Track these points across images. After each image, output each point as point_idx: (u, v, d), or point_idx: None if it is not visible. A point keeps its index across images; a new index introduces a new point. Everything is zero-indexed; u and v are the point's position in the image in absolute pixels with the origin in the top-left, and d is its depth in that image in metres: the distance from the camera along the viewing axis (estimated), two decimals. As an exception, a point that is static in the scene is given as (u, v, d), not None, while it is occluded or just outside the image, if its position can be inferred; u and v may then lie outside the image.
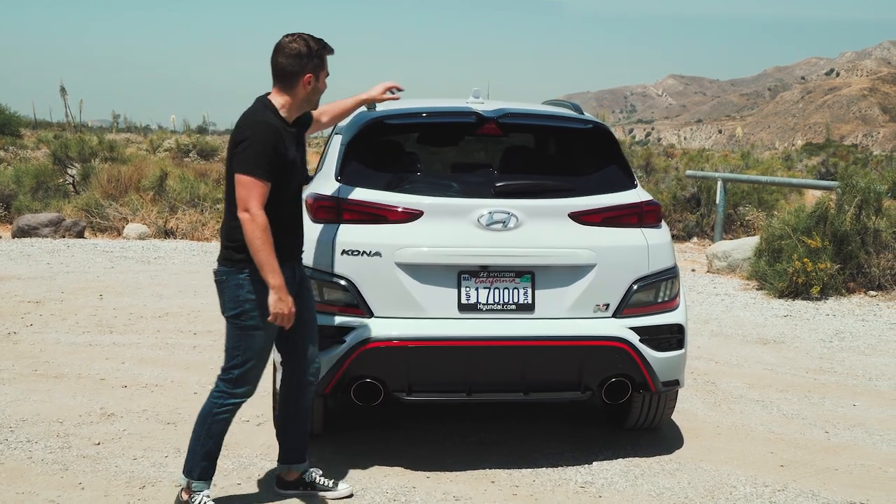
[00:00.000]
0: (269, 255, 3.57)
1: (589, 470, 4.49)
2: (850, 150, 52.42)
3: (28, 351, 6.62)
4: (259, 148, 3.60)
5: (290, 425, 4.06)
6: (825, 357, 7.05)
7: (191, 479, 3.81)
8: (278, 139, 3.65)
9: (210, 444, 3.81)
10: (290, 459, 4.08)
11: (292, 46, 3.71)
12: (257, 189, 3.58)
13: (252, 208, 3.57)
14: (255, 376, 3.82)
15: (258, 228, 3.55)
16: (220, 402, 3.80)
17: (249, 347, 3.73)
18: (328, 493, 4.07)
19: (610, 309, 4.32)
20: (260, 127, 3.64)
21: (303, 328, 3.91)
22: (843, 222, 9.74)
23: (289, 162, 3.71)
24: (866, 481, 4.45)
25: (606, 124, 4.73)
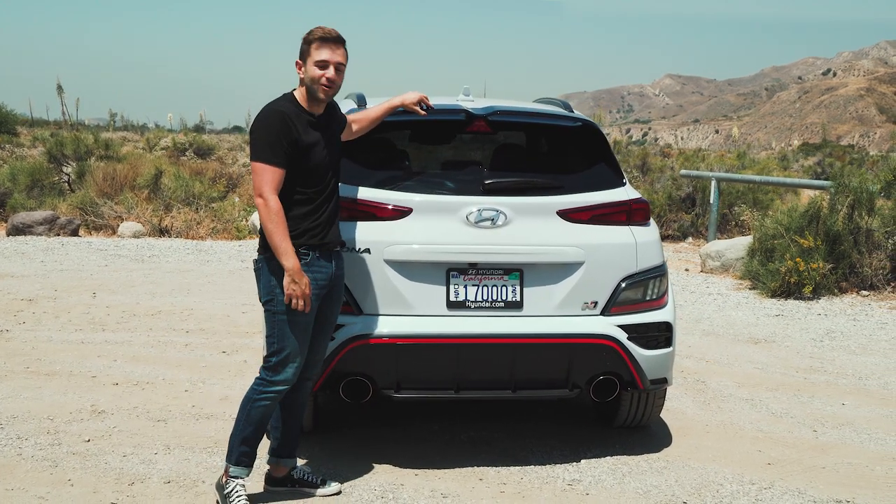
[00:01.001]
0: (283, 239, 3.65)
1: (577, 468, 4.51)
2: (847, 151, 52.50)
3: (20, 348, 6.63)
4: (268, 134, 3.69)
5: (284, 419, 4.06)
6: (815, 356, 7.07)
7: (229, 463, 3.88)
8: (287, 124, 3.71)
9: (249, 430, 3.86)
10: (281, 453, 4.09)
11: None
12: (269, 174, 3.67)
13: (265, 193, 3.66)
14: (293, 363, 3.85)
15: (271, 212, 3.64)
16: (260, 389, 3.86)
17: (284, 335, 3.79)
18: (317, 489, 4.08)
19: (598, 307, 4.33)
20: (268, 114, 3.75)
21: (323, 328, 3.96)
22: (835, 222, 9.77)
23: (305, 146, 3.76)
24: (853, 479, 4.47)
25: (595, 122, 4.75)
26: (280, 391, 3.87)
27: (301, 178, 3.78)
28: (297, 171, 3.75)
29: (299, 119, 3.78)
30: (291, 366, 3.84)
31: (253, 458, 3.93)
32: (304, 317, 3.80)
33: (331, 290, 3.93)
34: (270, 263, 3.77)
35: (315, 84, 3.81)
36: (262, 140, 3.70)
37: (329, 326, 4.01)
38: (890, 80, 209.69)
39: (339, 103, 5.22)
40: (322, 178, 3.86)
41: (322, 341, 4.01)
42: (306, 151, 3.77)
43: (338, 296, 4.01)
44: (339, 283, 3.99)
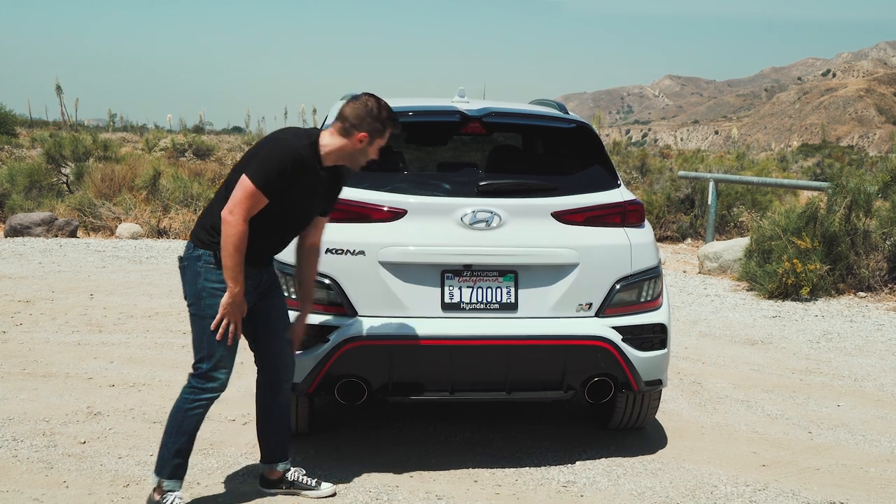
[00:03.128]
0: (237, 264, 3.57)
1: (572, 469, 4.51)
2: (846, 152, 52.55)
3: (17, 350, 6.63)
4: (277, 167, 3.58)
5: (269, 425, 4.07)
6: (812, 358, 7.07)
7: (161, 477, 3.79)
8: (297, 166, 3.63)
9: (182, 441, 3.78)
10: (272, 459, 4.09)
11: (365, 101, 3.72)
12: (254, 200, 3.58)
13: (237, 214, 3.56)
14: (225, 370, 3.79)
15: (236, 235, 3.55)
16: (191, 398, 3.78)
17: (213, 340, 3.71)
18: (310, 492, 4.08)
19: (593, 308, 4.34)
20: (288, 151, 3.63)
21: (273, 327, 3.93)
22: (832, 223, 9.78)
23: (296, 191, 3.68)
24: (847, 481, 4.48)
25: (590, 124, 4.76)
26: (211, 398, 3.79)
27: (273, 215, 3.68)
28: (275, 207, 3.66)
29: (309, 171, 3.69)
30: (223, 371, 3.78)
31: (185, 470, 3.85)
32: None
33: (266, 291, 3.89)
34: (196, 263, 3.69)
35: (365, 161, 3.78)
36: (270, 169, 3.59)
37: (280, 326, 3.96)
38: (889, 81, 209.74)
39: (334, 104, 5.24)
40: (290, 224, 3.82)
41: (279, 342, 3.96)
42: (292, 201, 3.70)
43: (277, 295, 3.97)
44: (275, 284, 3.96)
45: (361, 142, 3.72)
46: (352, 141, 3.72)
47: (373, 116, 3.69)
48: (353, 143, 3.72)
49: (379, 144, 3.77)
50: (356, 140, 3.71)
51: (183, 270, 3.77)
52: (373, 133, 3.72)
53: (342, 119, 3.73)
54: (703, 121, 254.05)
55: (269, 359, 3.98)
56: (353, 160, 3.78)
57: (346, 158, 3.77)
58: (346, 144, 3.73)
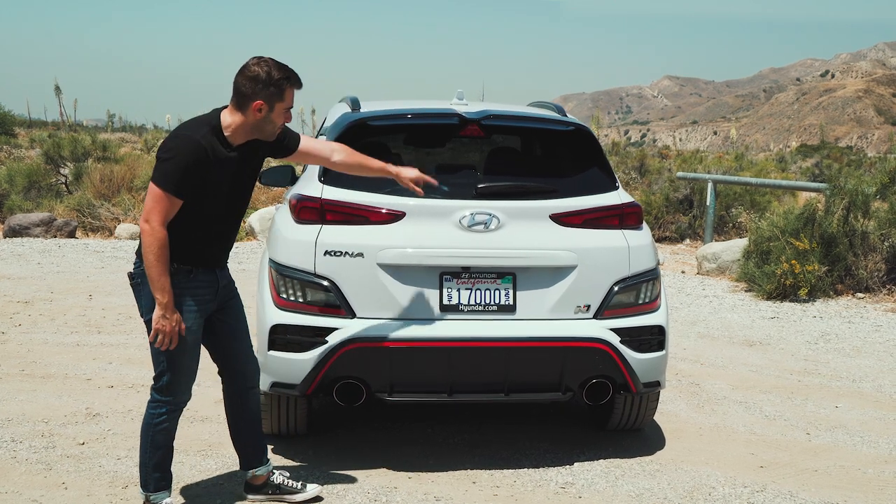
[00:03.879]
0: (161, 273, 3.46)
1: (570, 471, 4.52)
2: (845, 152, 52.59)
3: (16, 351, 6.64)
4: (177, 164, 3.46)
5: (242, 431, 4.02)
6: (810, 359, 7.08)
7: (147, 492, 3.78)
8: (200, 159, 3.49)
9: (159, 455, 3.76)
10: (251, 465, 4.05)
11: (253, 69, 3.54)
12: (163, 203, 3.46)
13: (153, 221, 3.46)
14: (184, 382, 3.75)
15: (155, 243, 3.45)
16: (156, 413, 3.75)
17: (171, 354, 3.64)
18: (296, 495, 4.04)
19: (591, 310, 4.34)
20: (184, 143, 3.50)
21: (232, 335, 3.89)
22: (831, 224, 9.79)
23: (213, 182, 3.55)
24: (845, 482, 4.49)
25: (588, 126, 4.77)
26: (174, 410, 3.75)
27: (199, 210, 3.58)
28: (196, 202, 3.55)
29: (216, 153, 3.54)
30: (183, 384, 3.75)
31: (170, 479, 3.84)
32: (190, 334, 3.65)
33: (226, 300, 3.85)
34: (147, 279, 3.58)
35: (274, 129, 3.64)
36: (170, 168, 3.45)
37: (241, 333, 3.92)
38: (888, 82, 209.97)
39: (333, 106, 5.24)
40: (223, 213, 3.70)
41: (242, 349, 3.92)
42: (213, 187, 3.57)
43: (235, 303, 3.91)
44: (231, 291, 3.90)
45: (260, 111, 3.55)
46: (252, 113, 3.55)
47: (263, 82, 3.52)
48: (253, 114, 3.56)
49: (282, 107, 3.59)
50: (254, 111, 3.55)
51: (135, 287, 3.70)
52: (269, 98, 3.54)
53: (235, 93, 3.57)
54: (701, 121, 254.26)
55: (233, 367, 3.94)
56: (260, 131, 3.62)
57: (254, 131, 3.61)
58: (248, 117, 3.57)
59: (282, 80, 3.56)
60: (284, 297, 4.21)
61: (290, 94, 3.61)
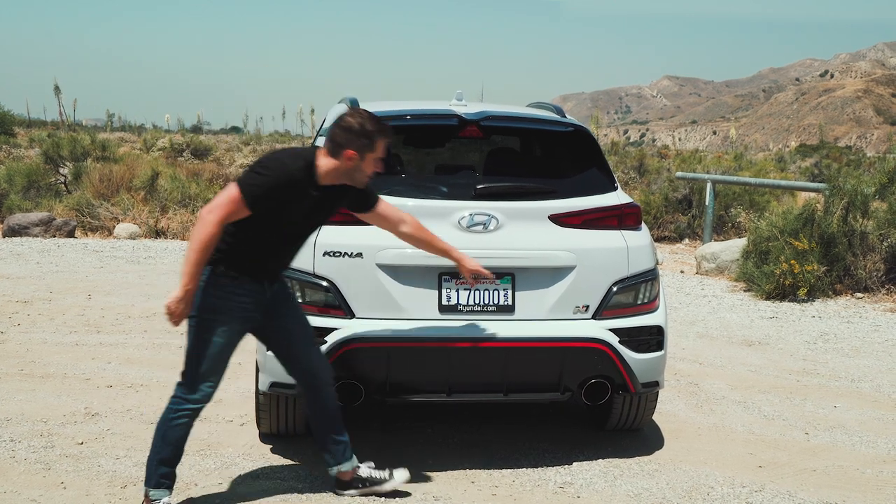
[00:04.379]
0: (197, 264, 3.54)
1: (569, 470, 4.52)
2: (844, 152, 52.60)
3: (14, 350, 6.64)
4: (266, 182, 3.59)
5: (325, 429, 4.05)
6: (809, 359, 7.09)
7: (148, 487, 3.80)
8: (288, 188, 3.63)
9: (167, 451, 3.78)
10: (337, 462, 4.07)
11: (348, 120, 3.70)
12: (234, 206, 3.57)
13: (215, 214, 3.55)
14: (212, 383, 3.78)
15: (205, 235, 3.52)
16: (175, 409, 3.77)
17: (204, 353, 3.71)
18: (385, 484, 4.08)
19: (590, 310, 4.35)
20: (281, 169, 3.63)
21: (293, 339, 3.94)
22: (830, 224, 9.79)
23: (288, 212, 3.69)
24: (843, 482, 4.49)
25: (587, 127, 4.77)
26: (196, 409, 3.78)
27: (265, 230, 3.70)
28: (264, 223, 3.67)
29: (304, 193, 3.68)
30: (208, 385, 3.77)
31: (173, 479, 3.85)
32: (223, 337, 3.72)
33: (275, 307, 3.89)
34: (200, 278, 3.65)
35: (364, 177, 3.77)
36: (260, 184, 3.59)
37: (305, 336, 3.96)
38: (887, 82, 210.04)
39: (332, 106, 5.24)
40: (286, 241, 3.83)
41: (307, 350, 3.96)
42: (287, 217, 3.71)
43: (290, 307, 3.96)
44: (284, 298, 3.95)
45: (351, 160, 3.69)
46: (342, 160, 3.69)
47: (356, 133, 3.67)
48: (344, 162, 3.70)
49: (373, 157, 3.73)
50: (346, 159, 3.69)
51: None
52: (361, 149, 3.69)
53: (330, 139, 3.72)
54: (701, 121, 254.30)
55: (301, 369, 3.98)
56: (350, 178, 3.76)
57: (344, 177, 3.75)
58: (338, 164, 3.70)
59: (374, 133, 3.70)
60: None
61: (381, 145, 3.74)
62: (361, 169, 3.73)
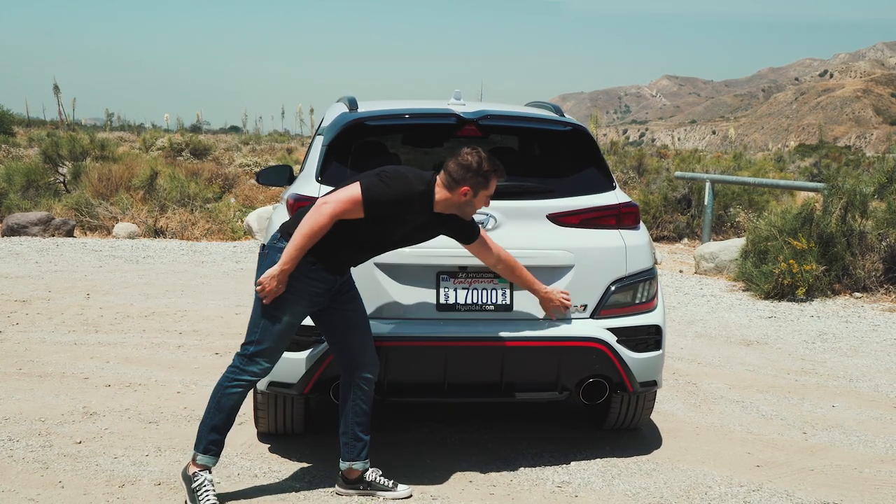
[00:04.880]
0: (300, 248, 3.73)
1: (566, 470, 4.52)
2: (843, 152, 52.59)
3: (13, 350, 6.63)
4: (388, 193, 3.76)
5: (353, 423, 4.07)
6: (807, 358, 7.09)
7: (197, 451, 3.92)
8: (405, 205, 3.81)
9: (220, 418, 3.91)
10: (351, 457, 4.09)
11: (466, 157, 3.85)
12: (351, 205, 3.74)
13: (332, 209, 3.72)
14: (269, 358, 3.91)
15: (317, 225, 3.71)
16: (232, 377, 3.91)
17: (267, 328, 3.86)
18: (388, 493, 4.09)
19: (588, 310, 4.35)
20: (405, 185, 3.81)
21: (350, 326, 4.00)
22: (828, 224, 9.79)
23: (393, 227, 3.87)
24: (841, 482, 4.49)
25: (585, 126, 4.77)
26: (252, 381, 3.92)
27: (365, 236, 3.86)
28: (367, 229, 3.83)
29: (416, 214, 3.87)
30: (265, 360, 3.91)
31: (221, 447, 3.96)
32: (290, 316, 3.87)
33: (343, 294, 4.01)
34: (276, 254, 3.84)
35: (474, 210, 3.94)
36: (383, 192, 3.75)
37: (362, 323, 4.05)
38: (886, 82, 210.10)
39: (330, 106, 5.24)
40: (378, 249, 4.00)
41: (362, 339, 4.02)
42: (391, 231, 3.88)
43: (353, 297, 4.06)
44: (349, 287, 4.06)
45: (465, 195, 3.86)
46: (456, 195, 3.87)
47: (473, 171, 3.84)
48: (458, 196, 3.87)
49: (485, 194, 3.91)
50: (460, 194, 3.86)
51: (262, 257, 3.96)
52: (475, 186, 3.86)
53: (447, 172, 3.88)
54: (700, 121, 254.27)
55: (351, 360, 4.03)
56: (461, 211, 3.93)
57: (455, 209, 3.92)
58: (452, 197, 3.88)
59: (489, 172, 3.87)
60: None
61: (493, 185, 3.92)
62: (473, 204, 3.91)
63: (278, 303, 3.84)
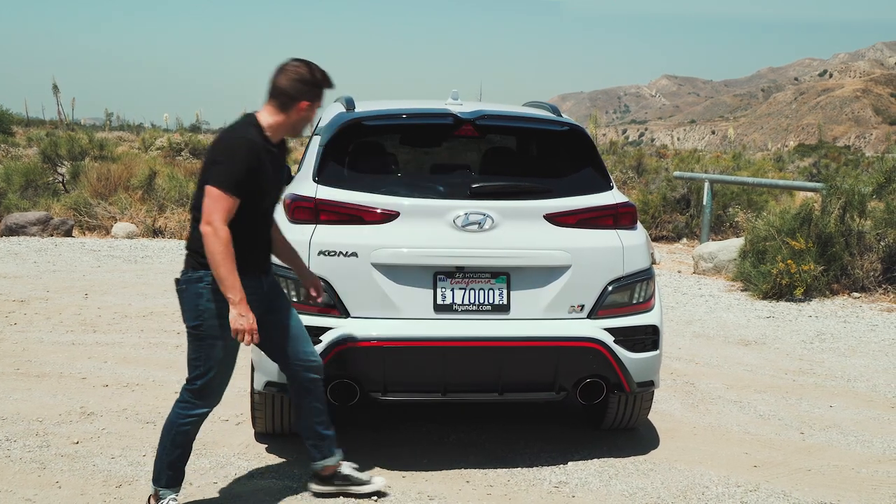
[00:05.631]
0: (230, 272, 3.52)
1: (564, 470, 4.52)
2: (842, 152, 52.62)
3: (11, 350, 6.63)
4: (234, 164, 3.57)
5: (309, 425, 4.03)
6: (805, 358, 7.09)
7: (158, 486, 3.81)
8: (255, 157, 3.63)
9: (176, 453, 3.79)
10: (322, 456, 4.06)
11: (298, 70, 3.71)
12: (224, 203, 3.55)
13: (215, 222, 3.53)
14: (217, 386, 3.79)
15: (220, 243, 3.51)
16: (184, 413, 3.78)
17: (210, 358, 3.70)
18: (363, 486, 4.07)
19: (585, 310, 4.35)
20: (237, 142, 3.63)
21: (285, 333, 3.91)
22: (827, 224, 9.79)
23: (263, 181, 3.68)
24: (838, 482, 4.49)
25: (583, 126, 4.77)
26: (203, 413, 3.79)
27: (247, 209, 3.66)
28: (250, 201, 3.65)
29: (263, 150, 3.69)
30: (217, 388, 3.79)
31: (181, 479, 3.86)
32: (231, 340, 3.68)
33: (271, 301, 3.88)
34: (195, 285, 3.64)
35: (306, 127, 3.83)
36: (226, 168, 3.57)
37: (297, 330, 3.94)
38: (886, 82, 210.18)
39: (328, 106, 5.25)
40: (268, 209, 3.83)
41: (299, 344, 3.93)
42: (261, 184, 3.69)
43: (283, 302, 3.96)
44: (277, 292, 3.95)
45: (304, 110, 3.74)
46: (294, 112, 3.73)
47: (309, 83, 3.70)
48: (297, 113, 3.73)
49: (317, 107, 3.78)
50: (299, 110, 3.73)
51: (181, 293, 3.72)
52: (313, 98, 3.74)
53: (278, 94, 3.71)
54: (699, 121, 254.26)
55: (290, 364, 3.96)
56: (295, 130, 3.81)
57: (290, 130, 3.80)
58: (291, 116, 3.73)
59: (322, 82, 3.76)
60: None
61: (324, 94, 3.81)
62: (309, 118, 3.79)
63: (216, 333, 3.65)
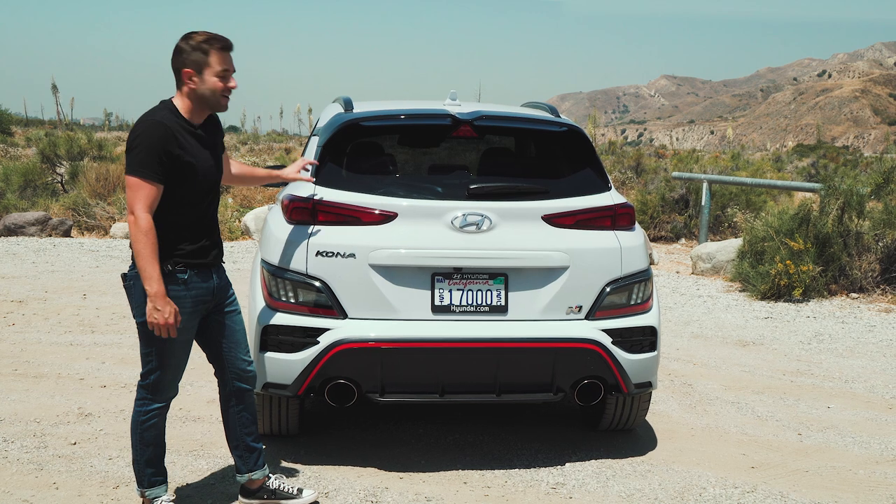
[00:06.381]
0: (149, 262, 3.45)
1: (561, 471, 4.52)
2: (841, 152, 52.64)
3: (9, 350, 6.63)
4: (147, 149, 3.48)
5: (237, 435, 3.97)
6: (803, 359, 7.10)
7: (142, 488, 3.80)
8: (170, 139, 3.52)
9: (149, 451, 3.77)
10: (247, 468, 3.99)
11: (178, 44, 3.61)
12: (143, 191, 3.47)
13: (136, 211, 3.46)
14: (171, 381, 3.76)
15: (140, 232, 3.44)
16: (144, 410, 3.75)
17: (162, 353, 3.66)
18: (292, 500, 4.00)
19: (583, 311, 4.35)
20: (149, 126, 3.52)
21: (226, 334, 3.86)
22: (825, 224, 9.80)
23: (185, 162, 3.57)
24: (836, 483, 4.50)
25: (581, 127, 4.77)
26: (161, 408, 3.76)
27: (179, 195, 3.59)
28: (175, 188, 3.57)
29: (181, 132, 3.58)
30: (171, 383, 3.76)
31: (164, 473, 3.84)
32: (182, 334, 3.65)
33: (223, 300, 3.84)
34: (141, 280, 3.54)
35: (216, 95, 3.64)
36: (140, 154, 3.47)
37: (237, 333, 3.89)
38: (885, 82, 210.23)
39: (326, 106, 5.25)
40: (202, 195, 3.70)
41: (237, 349, 3.88)
42: (187, 167, 3.58)
43: (233, 304, 3.90)
44: (228, 291, 3.89)
45: (193, 79, 3.59)
46: (189, 85, 3.60)
47: (186, 52, 3.57)
48: (187, 85, 3.60)
49: (213, 71, 3.59)
50: (186, 80, 3.60)
51: (129, 289, 3.67)
52: (196, 65, 3.58)
53: (175, 75, 3.63)
54: (698, 121, 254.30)
55: (229, 371, 3.91)
56: (207, 102, 3.65)
57: (203, 104, 3.66)
58: (187, 91, 3.62)
59: (202, 44, 3.58)
60: (276, 297, 4.21)
61: (217, 57, 3.61)
62: (209, 83, 3.60)
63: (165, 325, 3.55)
